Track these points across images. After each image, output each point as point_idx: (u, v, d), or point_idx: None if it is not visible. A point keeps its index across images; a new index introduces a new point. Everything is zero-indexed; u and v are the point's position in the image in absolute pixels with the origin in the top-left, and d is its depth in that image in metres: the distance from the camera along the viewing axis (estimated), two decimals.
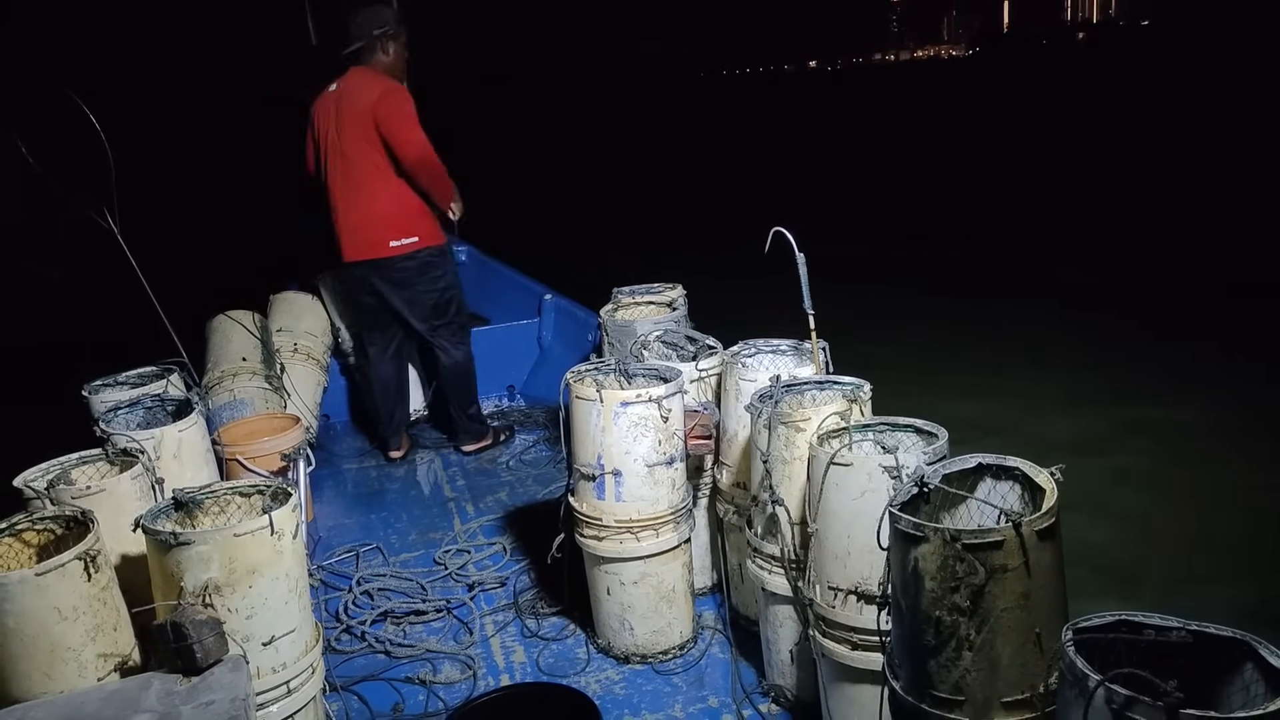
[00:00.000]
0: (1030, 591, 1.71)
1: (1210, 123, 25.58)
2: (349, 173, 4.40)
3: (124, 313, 4.19)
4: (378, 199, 4.43)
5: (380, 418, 4.88)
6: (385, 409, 4.85)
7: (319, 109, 4.46)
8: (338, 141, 4.39)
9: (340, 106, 4.38)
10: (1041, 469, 1.89)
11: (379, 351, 4.74)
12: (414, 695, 2.98)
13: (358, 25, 4.42)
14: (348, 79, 4.43)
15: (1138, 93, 40.95)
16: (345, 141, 4.38)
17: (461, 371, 4.78)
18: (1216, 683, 1.49)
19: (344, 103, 4.38)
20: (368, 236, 4.46)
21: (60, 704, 1.93)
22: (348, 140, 4.38)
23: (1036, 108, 37.82)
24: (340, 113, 4.38)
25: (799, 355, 3.08)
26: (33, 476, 2.63)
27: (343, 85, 4.44)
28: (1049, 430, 6.35)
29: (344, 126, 4.38)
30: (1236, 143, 20.82)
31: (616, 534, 2.94)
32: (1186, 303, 9.11)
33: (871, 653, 2.21)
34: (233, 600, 2.13)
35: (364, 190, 4.42)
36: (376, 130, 4.33)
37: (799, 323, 2.95)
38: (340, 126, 4.38)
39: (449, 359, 4.73)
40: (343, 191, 4.44)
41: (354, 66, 4.45)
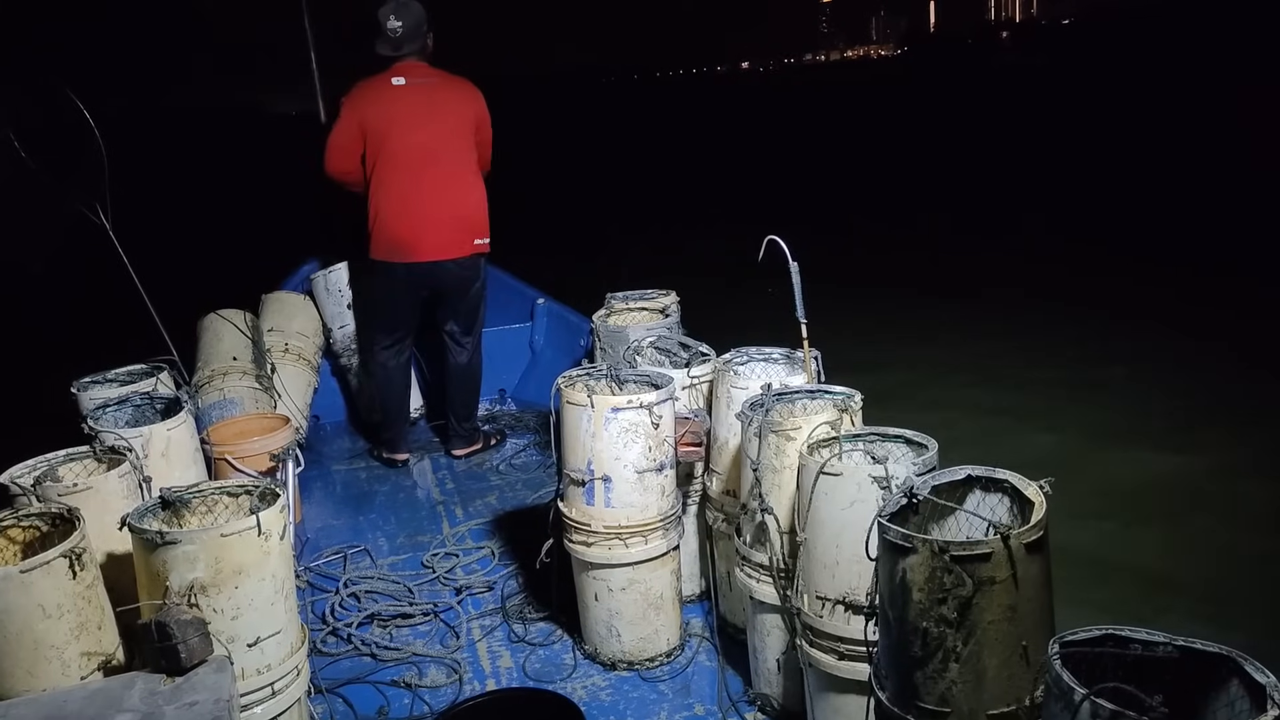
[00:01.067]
0: (1018, 604, 1.71)
1: (1139, 118, 26.88)
2: (445, 171, 4.34)
3: (114, 309, 4.19)
4: (468, 197, 4.43)
5: (388, 420, 4.81)
6: (397, 411, 4.80)
7: (386, 100, 4.30)
8: (428, 137, 4.30)
9: (433, 102, 4.33)
10: (1031, 482, 1.89)
11: (394, 354, 4.66)
12: (399, 699, 2.97)
13: (408, 20, 4.29)
14: (418, 74, 4.34)
15: (1068, 91, 42.21)
16: (443, 139, 4.33)
17: (476, 375, 4.81)
18: (1202, 698, 1.49)
19: (439, 100, 4.35)
20: (454, 235, 4.40)
21: (42, 702, 1.92)
22: (442, 135, 4.33)
23: (979, 107, 39.15)
24: (435, 108, 4.32)
25: (791, 364, 3.08)
26: (19, 473, 2.62)
27: (419, 81, 4.34)
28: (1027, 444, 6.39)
29: (440, 123, 4.33)
30: (1164, 137, 21.65)
31: (605, 540, 2.93)
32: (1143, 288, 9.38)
33: (858, 663, 2.21)
34: (218, 600, 2.12)
35: (455, 188, 4.39)
36: (474, 129, 4.38)
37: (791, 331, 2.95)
38: (434, 122, 4.32)
39: (469, 362, 4.74)
40: (434, 189, 4.33)
41: (406, 61, 4.34)
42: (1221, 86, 32.74)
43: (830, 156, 26.03)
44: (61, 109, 3.63)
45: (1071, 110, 32.23)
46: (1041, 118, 30.97)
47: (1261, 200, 13.10)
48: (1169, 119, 25.54)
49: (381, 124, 4.30)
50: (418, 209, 4.33)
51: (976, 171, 20.10)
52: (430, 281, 4.46)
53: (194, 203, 19.89)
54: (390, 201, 4.33)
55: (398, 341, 4.66)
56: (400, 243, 4.36)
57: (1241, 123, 22.76)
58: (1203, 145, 19.64)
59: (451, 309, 4.61)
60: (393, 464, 4.81)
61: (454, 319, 4.64)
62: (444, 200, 4.38)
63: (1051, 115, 31.33)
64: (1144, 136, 22.67)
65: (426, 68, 4.41)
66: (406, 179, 4.32)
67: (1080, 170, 18.51)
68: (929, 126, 32.97)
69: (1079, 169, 18.70)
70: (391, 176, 4.31)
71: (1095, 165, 18.96)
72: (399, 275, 4.43)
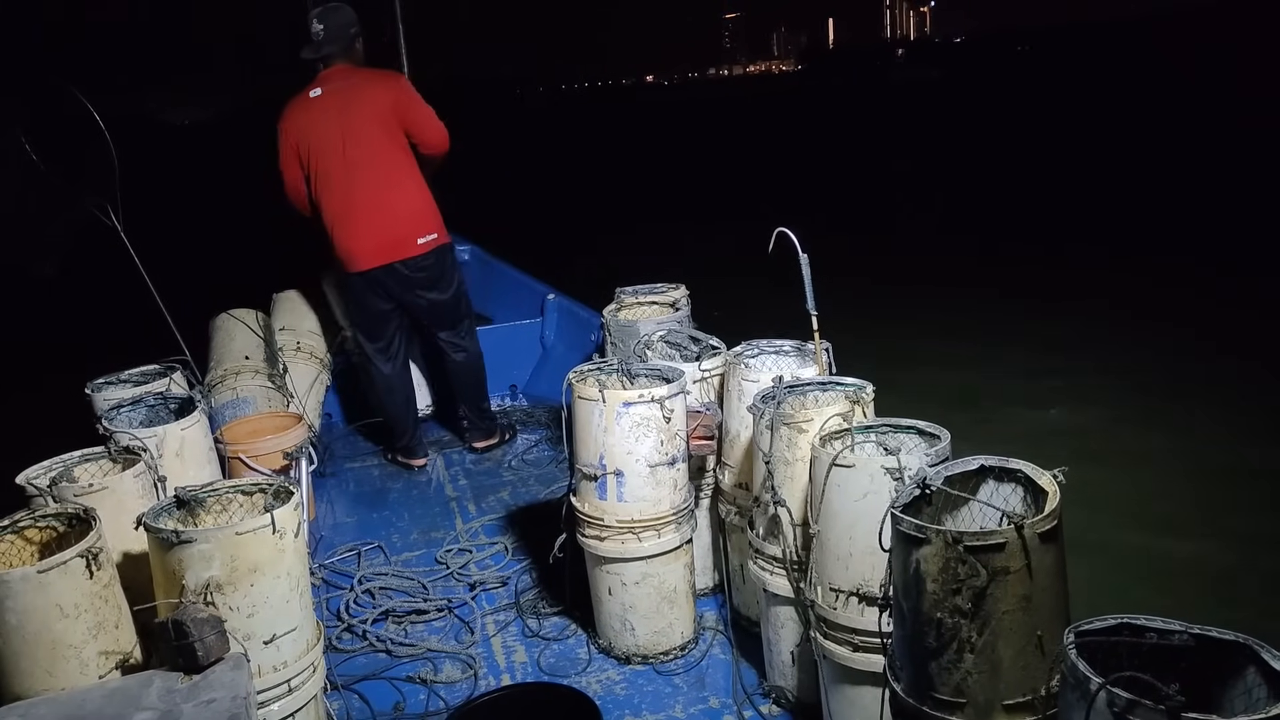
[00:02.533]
0: (1032, 594, 1.71)
1: (1033, 129, 28.97)
2: (368, 174, 4.19)
3: (127, 311, 4.21)
4: (403, 197, 4.28)
5: (399, 428, 4.72)
6: (405, 418, 4.72)
7: (306, 118, 4.21)
8: (347, 144, 4.16)
9: (347, 106, 4.17)
10: (1044, 471, 1.89)
11: (387, 360, 4.57)
12: (415, 694, 2.98)
13: (330, 27, 4.20)
14: (336, 79, 4.23)
15: (965, 104, 45.19)
16: (362, 142, 4.18)
17: (476, 367, 4.75)
18: (1218, 686, 1.48)
19: (352, 102, 4.18)
20: (393, 237, 4.26)
21: (62, 701, 1.93)
22: (365, 140, 4.18)
23: (880, 117, 42.08)
24: (349, 113, 4.17)
25: (802, 356, 3.08)
26: (35, 474, 2.64)
27: (334, 86, 4.21)
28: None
29: (357, 126, 4.17)
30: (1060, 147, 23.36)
31: (618, 534, 2.93)
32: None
33: (873, 654, 2.21)
34: (234, 598, 2.13)
35: (388, 189, 4.24)
36: (398, 122, 4.24)
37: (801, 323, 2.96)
38: (350, 127, 4.17)
39: (464, 356, 4.68)
40: (362, 195, 4.20)
41: (330, 68, 4.24)
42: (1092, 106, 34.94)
43: (740, 160, 28.06)
44: (70, 111, 3.64)
45: (965, 119, 35.71)
46: (939, 127, 34.18)
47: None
48: (1052, 129, 27.88)
49: (308, 140, 4.20)
50: (352, 218, 4.22)
51: (887, 175, 21.99)
52: (386, 286, 4.35)
53: (204, 203, 19.95)
54: (330, 215, 4.25)
55: (386, 348, 4.55)
56: (346, 254, 4.27)
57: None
58: (1087, 149, 22.00)
59: (424, 313, 4.50)
60: (410, 468, 4.76)
61: (434, 322, 4.55)
62: (375, 204, 4.22)
63: (948, 124, 34.76)
64: (1030, 142, 25.18)
65: (348, 70, 4.28)
66: (338, 190, 4.21)
67: (977, 170, 20.72)
68: (834, 134, 36.15)
69: (973, 170, 20.98)
70: (326, 190, 4.22)
71: (987, 166, 21.36)
72: (357, 285, 4.36)
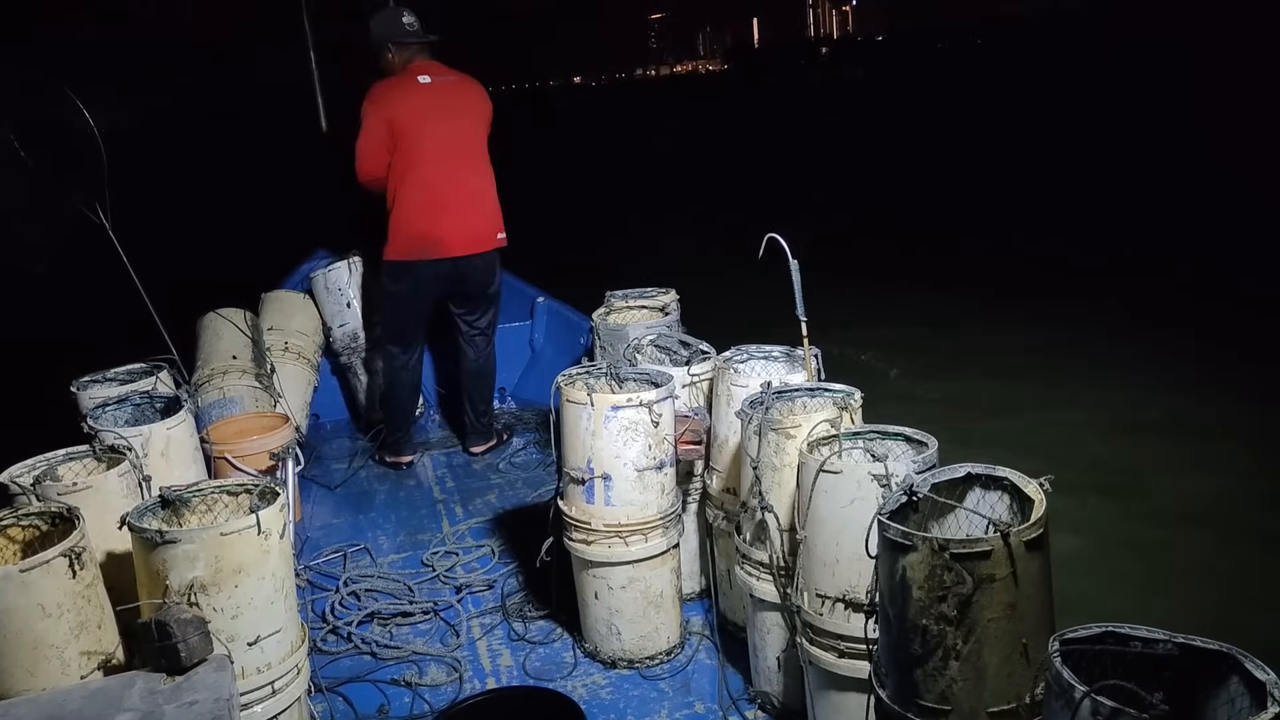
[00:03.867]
0: (1017, 602, 1.71)
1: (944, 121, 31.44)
2: (469, 168, 4.40)
3: (114, 309, 4.18)
4: (491, 192, 4.49)
5: (396, 423, 4.75)
6: (408, 411, 4.78)
7: (412, 100, 4.30)
8: (454, 135, 4.34)
9: (450, 99, 4.36)
10: (1031, 479, 1.89)
11: (411, 355, 4.63)
12: (400, 697, 2.97)
13: (420, 22, 4.37)
14: (436, 72, 4.38)
15: (889, 101, 47.71)
16: (467, 137, 4.38)
17: (492, 371, 4.84)
18: (1202, 695, 1.49)
19: (454, 96, 4.39)
20: (482, 229, 4.44)
21: (42, 701, 1.92)
22: (470, 136, 4.39)
23: (808, 113, 43.96)
24: (458, 107, 4.37)
25: (791, 362, 3.08)
26: (18, 472, 2.62)
27: (441, 80, 4.37)
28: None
29: (464, 122, 4.38)
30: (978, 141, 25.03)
31: (605, 538, 2.93)
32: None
33: (858, 661, 2.21)
34: (218, 599, 2.12)
35: (481, 183, 4.45)
36: (487, 127, 4.46)
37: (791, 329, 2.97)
38: (459, 121, 4.36)
39: (485, 356, 4.76)
40: (463, 186, 4.38)
41: (422, 60, 4.39)
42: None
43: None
44: (59, 108, 3.63)
45: (890, 115, 37.75)
46: (865, 122, 36.11)
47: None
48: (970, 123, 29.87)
49: (410, 122, 4.28)
50: (447, 204, 4.33)
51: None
52: (455, 279, 4.45)
53: (193, 201, 19.90)
54: (419, 199, 4.31)
55: (413, 344, 4.63)
56: (429, 239, 4.33)
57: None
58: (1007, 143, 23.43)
59: (474, 304, 4.61)
60: (397, 467, 4.76)
61: (477, 314, 4.65)
62: (472, 195, 4.42)
63: (873, 120, 36.76)
64: (950, 137, 26.74)
65: (442, 66, 4.44)
66: (436, 175, 4.31)
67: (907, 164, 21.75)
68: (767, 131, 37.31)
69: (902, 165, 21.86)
70: (420, 174, 4.29)
71: (911, 161, 22.30)
72: (424, 274, 4.40)
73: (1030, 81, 44.66)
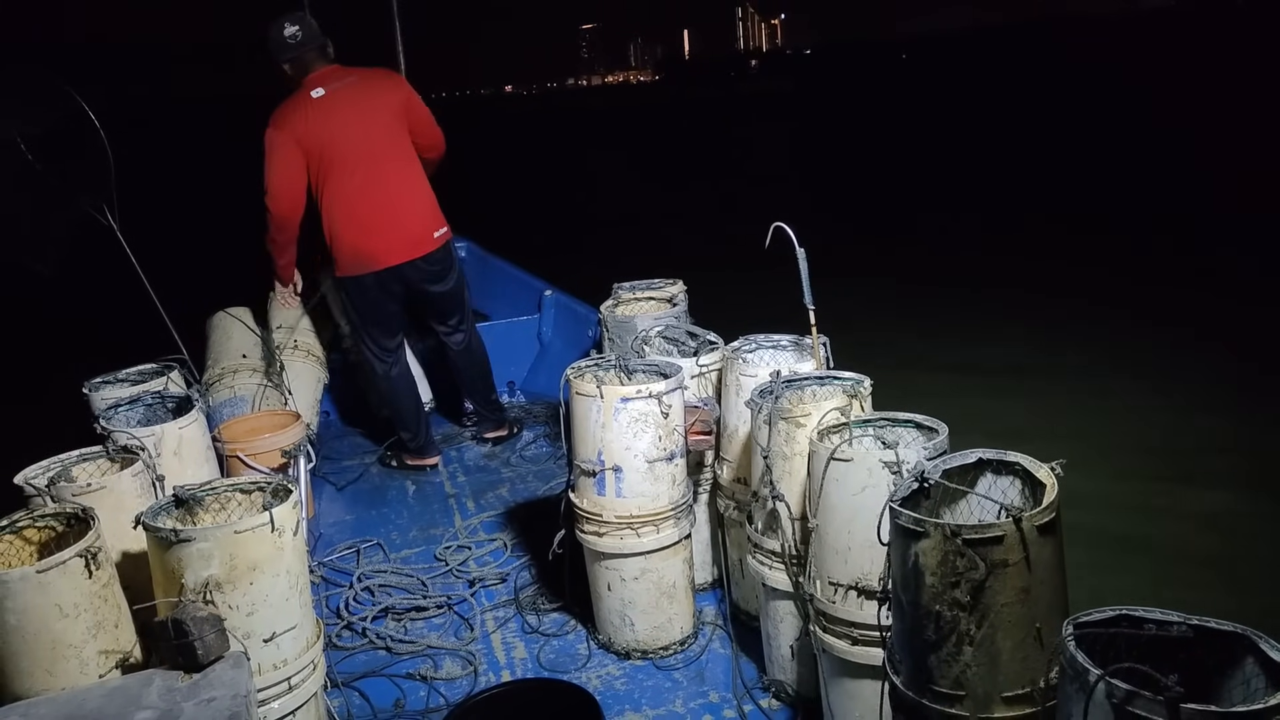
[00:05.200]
0: (1031, 586, 1.71)
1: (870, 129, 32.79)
2: (391, 171, 4.19)
3: (124, 310, 4.20)
4: (418, 192, 4.31)
5: (411, 428, 4.65)
6: (417, 417, 4.67)
7: (314, 118, 4.09)
8: (367, 142, 4.14)
9: (359, 104, 4.15)
10: (1042, 464, 1.89)
11: (393, 364, 4.53)
12: (415, 691, 2.98)
13: (306, 29, 4.15)
14: (332, 79, 4.16)
15: (814, 109, 49.89)
16: (381, 139, 4.17)
17: (482, 358, 4.76)
18: (1217, 677, 1.49)
19: (363, 99, 4.16)
20: (413, 233, 4.25)
21: (62, 701, 1.93)
22: (376, 134, 4.16)
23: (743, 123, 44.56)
24: (363, 110, 4.15)
25: (799, 350, 3.08)
26: (33, 474, 2.64)
27: (336, 85, 4.14)
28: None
29: (374, 123, 4.16)
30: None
31: (617, 530, 2.94)
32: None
33: (872, 648, 2.21)
34: (233, 597, 2.14)
35: (405, 186, 4.25)
36: (407, 120, 4.25)
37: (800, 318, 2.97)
38: (368, 125, 4.15)
39: (470, 349, 4.68)
40: (386, 192, 4.17)
41: (315, 70, 4.16)
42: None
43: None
44: (65, 109, 3.63)
45: (820, 124, 39.75)
46: (797, 132, 37.42)
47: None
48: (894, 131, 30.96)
49: (318, 139, 4.09)
50: (372, 216, 4.17)
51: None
52: (402, 284, 4.31)
53: (201, 201, 19.95)
54: (345, 214, 4.16)
55: (393, 350, 4.53)
56: (364, 253, 4.20)
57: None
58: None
59: (432, 306, 4.51)
60: (422, 470, 4.70)
61: (438, 315, 4.55)
62: (395, 200, 4.21)
63: (805, 129, 38.33)
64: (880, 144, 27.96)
65: (338, 69, 4.22)
66: (355, 188, 4.14)
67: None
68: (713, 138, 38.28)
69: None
70: (339, 190, 4.13)
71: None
72: (370, 285, 4.28)
73: (956, 92, 47.73)
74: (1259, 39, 54.23)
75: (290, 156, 4.09)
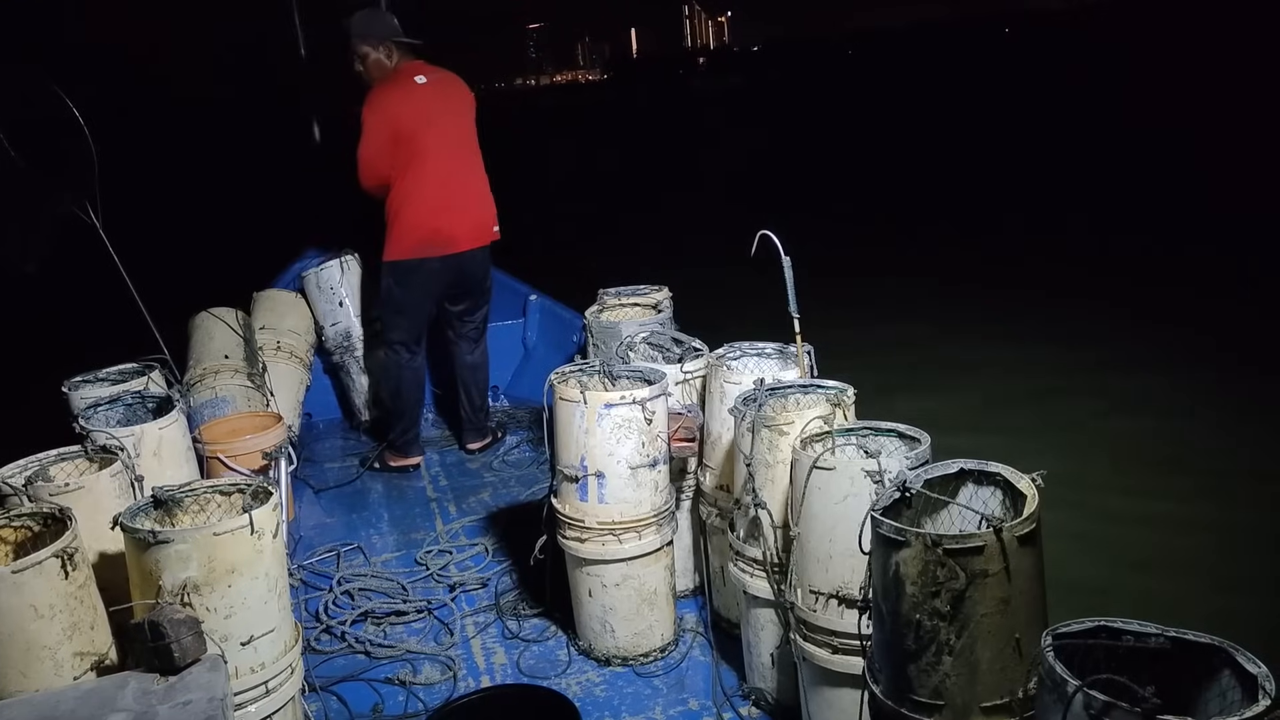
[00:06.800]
0: (1010, 597, 1.72)
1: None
2: (464, 161, 4.46)
3: (105, 308, 4.17)
4: (486, 185, 4.56)
5: (409, 421, 4.69)
6: (418, 411, 4.76)
7: (412, 101, 4.32)
8: (455, 131, 4.42)
9: (446, 97, 4.43)
10: (1023, 475, 1.90)
11: (418, 355, 4.61)
12: (394, 696, 2.97)
13: (395, 23, 4.42)
14: (428, 71, 4.42)
15: (763, 105, 50.78)
16: (465, 132, 4.47)
17: (487, 366, 4.85)
18: (1194, 688, 1.50)
19: (449, 94, 4.45)
20: (484, 222, 4.51)
21: (36, 702, 1.92)
22: (462, 128, 4.46)
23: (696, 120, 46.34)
24: (448, 103, 4.43)
25: (784, 359, 3.09)
26: (10, 473, 2.61)
27: (433, 78, 4.41)
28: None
29: (460, 118, 4.46)
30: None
31: (599, 536, 2.93)
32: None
33: (852, 657, 2.22)
34: (211, 599, 2.12)
35: (479, 177, 4.53)
36: (474, 121, 4.53)
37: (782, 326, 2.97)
38: (457, 117, 4.44)
39: (481, 351, 4.78)
40: (466, 181, 4.46)
41: (412, 60, 4.44)
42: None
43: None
44: (47, 105, 3.61)
45: (769, 119, 40.72)
46: (748, 127, 38.36)
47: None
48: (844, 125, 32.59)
49: (412, 123, 4.30)
50: (454, 200, 4.39)
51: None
52: (458, 273, 4.48)
53: (185, 200, 19.85)
54: (426, 197, 4.33)
55: (420, 340, 4.62)
56: (441, 236, 4.36)
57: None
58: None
59: (471, 300, 4.64)
60: (405, 470, 4.70)
61: (474, 309, 4.68)
62: (473, 190, 4.49)
63: (755, 124, 39.17)
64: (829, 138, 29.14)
65: (425, 64, 4.47)
66: (442, 172, 4.35)
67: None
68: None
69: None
70: (425, 173, 4.32)
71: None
72: (433, 270, 4.40)
73: (897, 87, 49.15)
74: (1208, 31, 55.67)
75: (381, 135, 4.29)
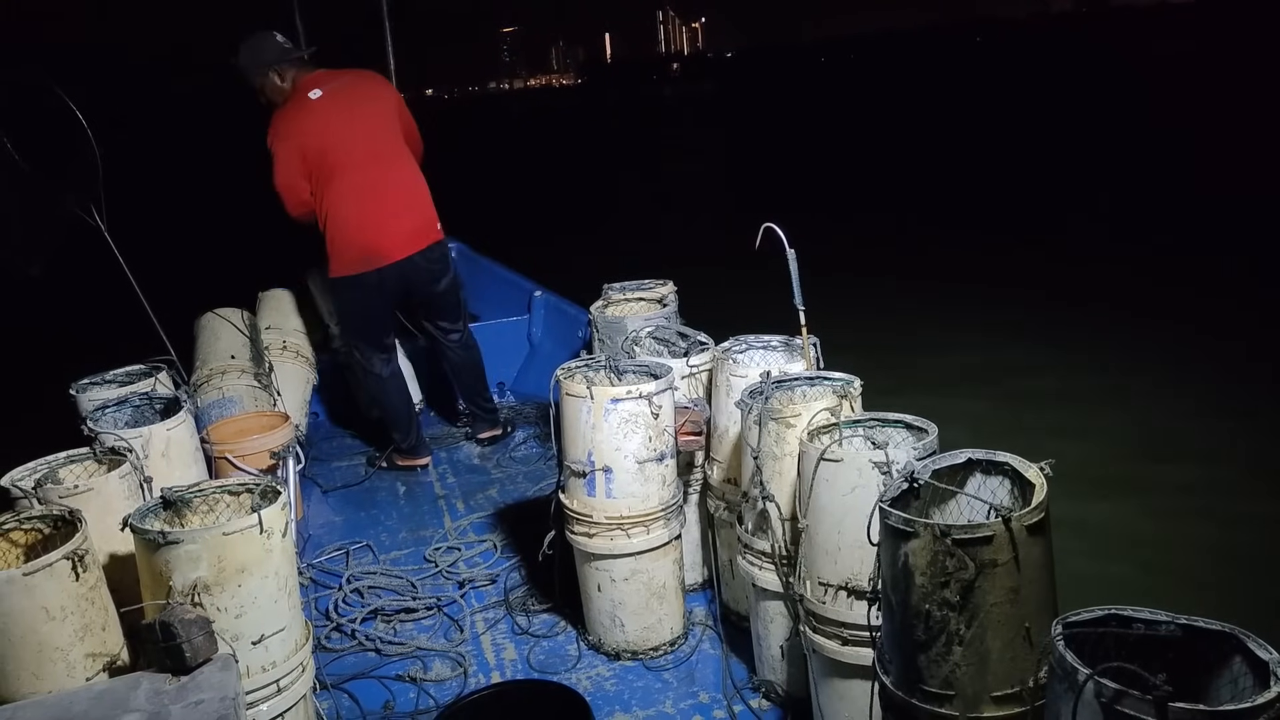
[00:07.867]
0: (1020, 586, 1.72)
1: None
2: (392, 168, 4.27)
3: (112, 311, 4.18)
4: (419, 189, 4.38)
5: (403, 429, 4.65)
6: (409, 418, 4.67)
7: (313, 119, 4.15)
8: (369, 141, 4.21)
9: (351, 103, 4.21)
10: (1031, 464, 1.90)
11: (387, 363, 4.53)
12: (404, 693, 2.97)
13: (297, 34, 4.35)
14: (326, 80, 4.23)
15: (736, 112, 51.30)
16: (381, 138, 4.25)
17: (477, 358, 4.77)
18: (1205, 676, 1.49)
19: (354, 98, 4.23)
20: (417, 228, 4.31)
21: (49, 704, 1.92)
22: (375, 133, 4.25)
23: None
24: (354, 109, 4.21)
25: (790, 351, 3.08)
26: (20, 476, 2.62)
27: (332, 87, 4.21)
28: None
29: (374, 123, 4.25)
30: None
31: (607, 531, 2.94)
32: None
33: (862, 648, 2.22)
34: (222, 599, 2.13)
35: (407, 183, 4.34)
36: (398, 116, 4.34)
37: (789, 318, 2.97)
38: (360, 123, 4.21)
39: (466, 348, 4.70)
40: (390, 190, 4.25)
41: (311, 72, 4.26)
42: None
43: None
44: (52, 110, 3.62)
45: (746, 125, 41.40)
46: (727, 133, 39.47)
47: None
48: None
49: (316, 141, 4.14)
50: (377, 212, 4.21)
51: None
52: (403, 282, 4.34)
53: (190, 201, 19.90)
54: (348, 213, 4.18)
55: (387, 350, 4.54)
56: (368, 250, 4.22)
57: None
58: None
59: (429, 304, 4.52)
60: (413, 470, 4.69)
61: (435, 313, 4.56)
62: (398, 197, 4.28)
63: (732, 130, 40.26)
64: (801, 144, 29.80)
65: (328, 72, 4.29)
66: (359, 185, 4.18)
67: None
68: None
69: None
70: (342, 189, 4.16)
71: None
72: (371, 284, 4.28)
73: (872, 92, 50.77)
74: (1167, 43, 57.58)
75: (290, 157, 4.15)
